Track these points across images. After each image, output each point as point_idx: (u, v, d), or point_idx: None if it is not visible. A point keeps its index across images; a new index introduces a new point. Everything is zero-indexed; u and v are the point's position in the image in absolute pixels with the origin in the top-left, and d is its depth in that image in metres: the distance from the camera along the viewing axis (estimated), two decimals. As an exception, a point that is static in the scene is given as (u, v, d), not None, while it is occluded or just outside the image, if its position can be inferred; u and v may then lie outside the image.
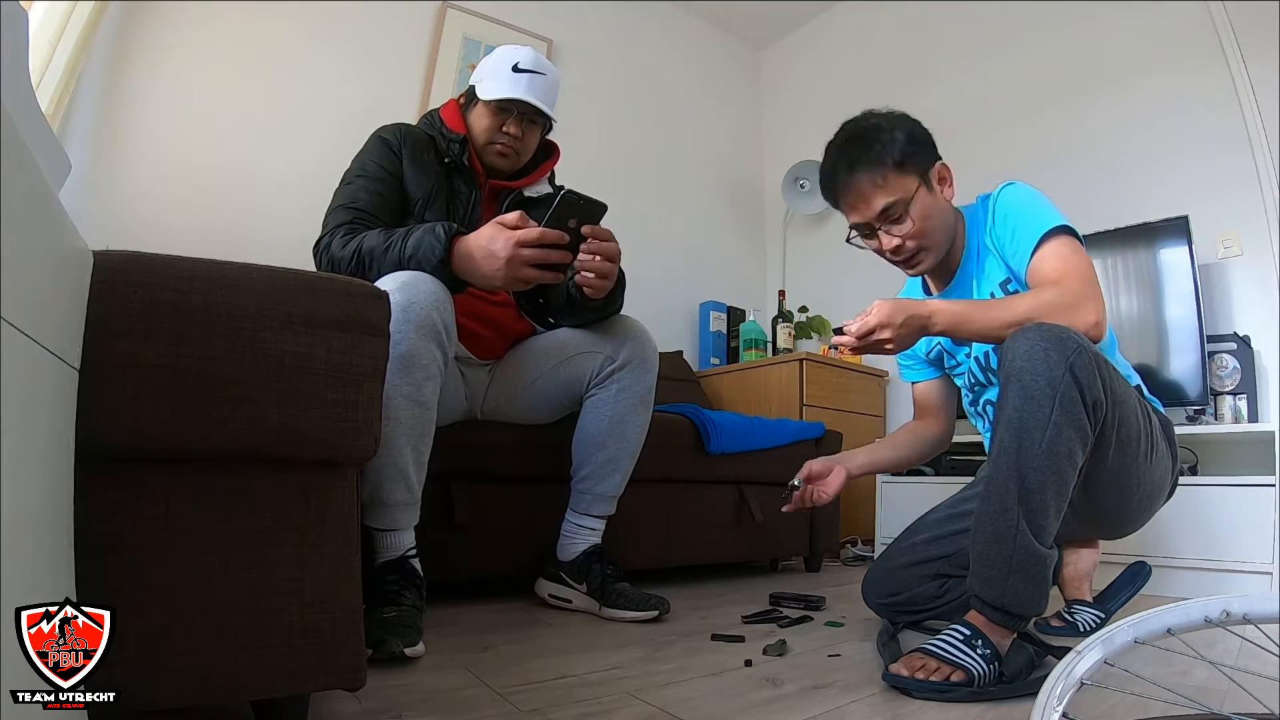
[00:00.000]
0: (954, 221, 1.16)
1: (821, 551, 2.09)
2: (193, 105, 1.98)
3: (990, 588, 0.89)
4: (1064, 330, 0.88)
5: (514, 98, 1.29)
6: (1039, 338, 0.88)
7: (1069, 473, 0.88)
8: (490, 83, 1.31)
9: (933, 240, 1.12)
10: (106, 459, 0.52)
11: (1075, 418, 0.87)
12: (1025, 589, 0.88)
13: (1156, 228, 1.97)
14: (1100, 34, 2.36)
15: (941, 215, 1.12)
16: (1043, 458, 0.86)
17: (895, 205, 1.07)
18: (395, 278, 1.04)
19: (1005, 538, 0.88)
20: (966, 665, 0.87)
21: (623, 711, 0.77)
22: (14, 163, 0.37)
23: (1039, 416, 0.86)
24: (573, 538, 1.34)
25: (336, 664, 0.61)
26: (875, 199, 1.08)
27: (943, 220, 1.13)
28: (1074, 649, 0.63)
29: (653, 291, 2.72)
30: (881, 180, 1.07)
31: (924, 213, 1.09)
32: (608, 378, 1.32)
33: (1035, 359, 0.87)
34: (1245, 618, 0.57)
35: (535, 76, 1.31)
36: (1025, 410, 0.87)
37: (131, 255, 0.55)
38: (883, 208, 1.08)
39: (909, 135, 1.08)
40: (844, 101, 3.29)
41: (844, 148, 1.10)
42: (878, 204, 1.08)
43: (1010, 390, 0.89)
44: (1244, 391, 1.89)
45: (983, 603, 0.90)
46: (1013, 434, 0.88)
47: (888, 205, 1.07)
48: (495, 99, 1.30)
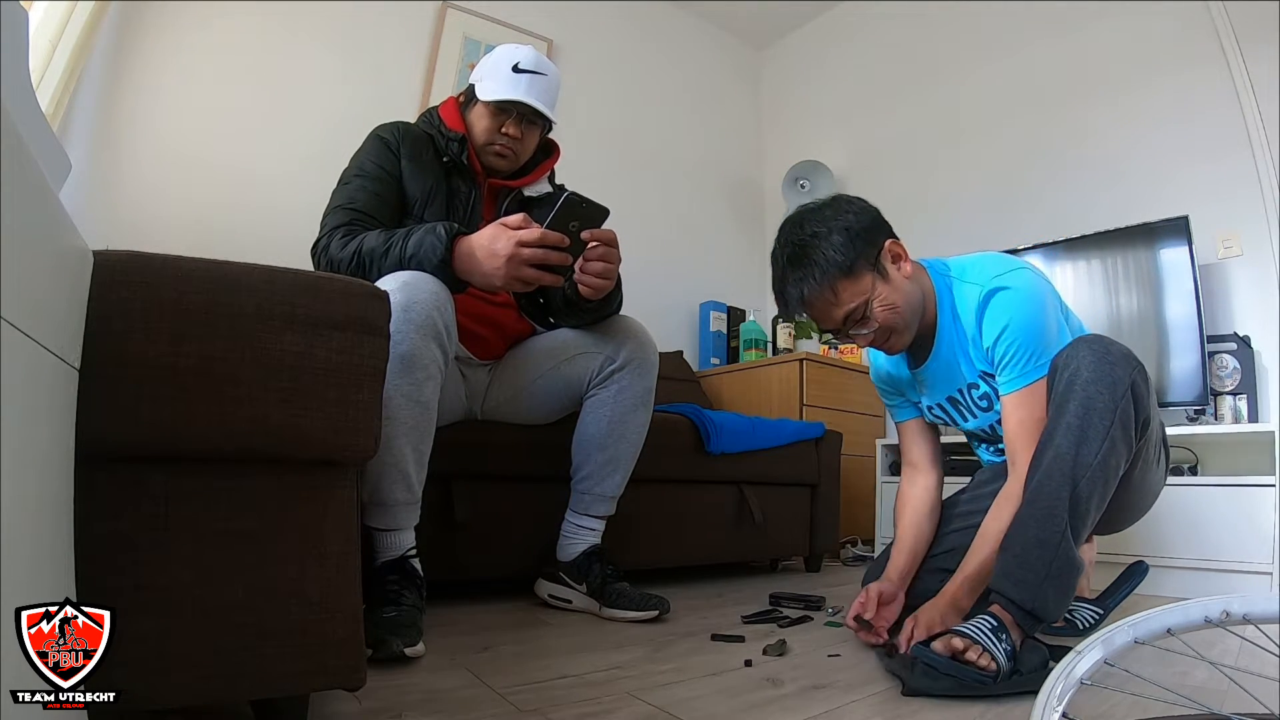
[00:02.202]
0: (919, 295, 1.12)
1: (821, 551, 2.09)
2: (192, 105, 1.98)
3: (1024, 590, 0.90)
4: (1127, 349, 0.94)
5: (513, 99, 1.29)
6: (1104, 351, 0.93)
7: (1113, 486, 0.93)
8: (490, 83, 1.31)
9: (902, 322, 1.09)
10: (106, 459, 0.52)
11: (1128, 434, 0.93)
12: (1056, 597, 0.90)
13: (1157, 228, 1.97)
14: (1100, 34, 2.36)
15: (905, 297, 1.09)
16: (1096, 469, 0.90)
17: (855, 309, 1.05)
18: (396, 278, 1.04)
19: (1049, 543, 0.90)
20: (996, 657, 0.86)
21: (623, 711, 0.77)
22: (14, 163, 0.37)
23: (1099, 428, 0.91)
24: (572, 538, 1.34)
25: (336, 664, 0.61)
26: (834, 312, 1.06)
27: (907, 301, 1.09)
28: (1074, 649, 0.63)
29: (653, 291, 2.72)
30: (834, 295, 1.04)
31: (885, 303, 1.06)
32: (608, 378, 1.32)
33: (1101, 373, 0.92)
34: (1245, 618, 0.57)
35: (535, 77, 1.31)
36: (1087, 421, 0.91)
37: (131, 255, 0.55)
38: (843, 316, 1.06)
39: (847, 234, 1.03)
40: (844, 101, 3.32)
41: (787, 271, 1.06)
42: (838, 315, 1.06)
43: (1073, 399, 0.93)
44: (1244, 391, 1.89)
45: (1011, 603, 0.90)
46: (1071, 442, 0.91)
47: (848, 313, 1.05)
48: (494, 100, 1.30)
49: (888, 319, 1.07)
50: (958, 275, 1.13)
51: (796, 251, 1.05)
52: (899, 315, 1.08)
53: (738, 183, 3.44)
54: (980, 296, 1.07)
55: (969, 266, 1.13)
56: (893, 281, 1.07)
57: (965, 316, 1.10)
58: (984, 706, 0.83)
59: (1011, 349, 1.05)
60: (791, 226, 1.09)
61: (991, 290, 1.06)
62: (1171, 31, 2.18)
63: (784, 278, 1.07)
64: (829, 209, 1.08)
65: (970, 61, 2.75)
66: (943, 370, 1.17)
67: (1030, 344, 1.04)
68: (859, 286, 1.04)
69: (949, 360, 1.15)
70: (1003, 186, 2.57)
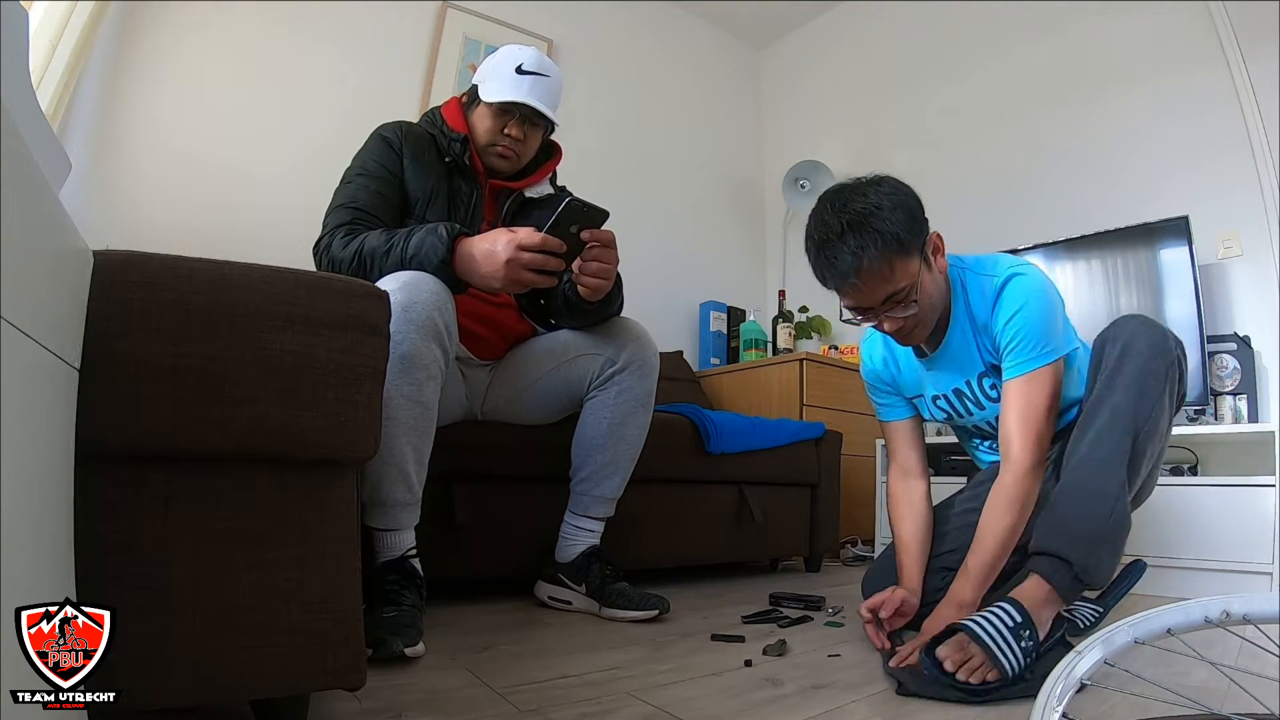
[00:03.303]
0: (945, 289, 1.13)
1: (821, 551, 2.09)
2: (192, 105, 1.98)
3: (1077, 548, 0.90)
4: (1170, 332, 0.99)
5: (516, 100, 1.29)
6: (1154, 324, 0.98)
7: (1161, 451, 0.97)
8: (492, 84, 1.31)
9: (930, 317, 1.10)
10: (106, 459, 0.52)
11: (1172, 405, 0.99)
12: (1109, 559, 0.92)
13: (1157, 228, 1.97)
14: (1100, 34, 2.36)
15: (938, 291, 1.10)
16: (1152, 424, 0.95)
17: (900, 292, 1.02)
18: (396, 278, 1.04)
19: (1108, 495, 0.92)
20: (1005, 664, 0.84)
21: (623, 711, 0.77)
22: (14, 163, 0.37)
23: (1155, 390, 0.96)
24: (571, 539, 1.34)
25: (336, 664, 0.61)
26: (883, 289, 1.02)
27: (939, 295, 1.10)
28: (1074, 649, 0.63)
29: (653, 291, 2.72)
30: (889, 269, 1.00)
31: (925, 292, 1.06)
32: (608, 380, 1.32)
33: (1156, 344, 0.97)
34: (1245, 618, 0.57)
35: (538, 78, 1.31)
36: (1145, 383, 0.95)
37: (131, 255, 0.55)
38: (888, 296, 1.03)
39: (909, 214, 1.01)
40: (844, 102, 3.32)
41: (844, 237, 0.99)
42: (883, 294, 1.02)
43: (1130, 361, 0.96)
44: (1244, 391, 1.89)
45: (1062, 564, 0.90)
46: (1129, 398, 0.94)
47: (893, 293, 1.02)
48: (497, 101, 1.29)
49: (923, 308, 1.06)
50: (971, 268, 1.14)
51: (857, 219, 0.99)
52: (932, 306, 1.08)
53: (738, 183, 3.43)
54: (996, 285, 1.09)
55: (982, 260, 1.14)
56: (933, 273, 1.08)
57: (979, 306, 1.12)
58: (984, 706, 0.82)
59: (1021, 333, 1.06)
60: (846, 194, 1.03)
61: (1007, 278, 1.08)
62: (1171, 31, 2.18)
63: (837, 245, 1.00)
64: (885, 185, 1.04)
65: (970, 61, 2.75)
66: (952, 360, 1.17)
67: (1039, 330, 1.05)
68: (910, 268, 1.02)
69: (959, 350, 1.16)
70: (1003, 186, 2.57)
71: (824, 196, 1.07)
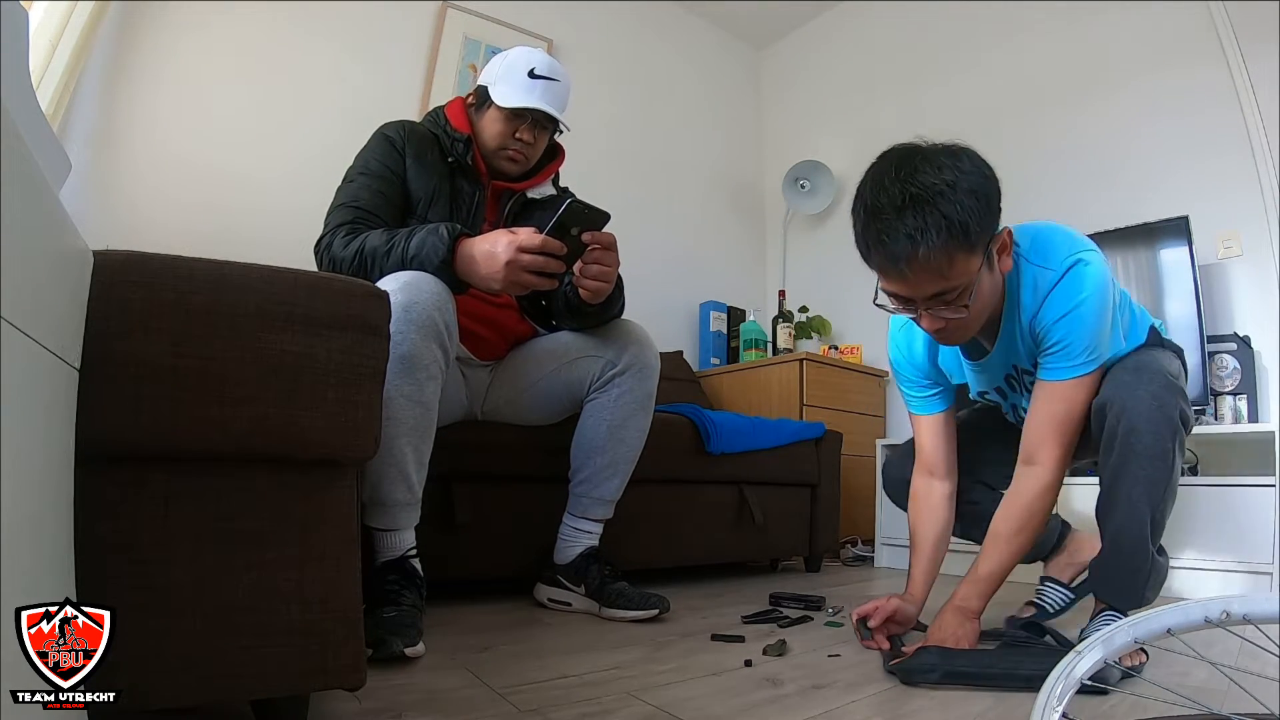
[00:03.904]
0: (1002, 292, 1.00)
1: (821, 551, 2.09)
2: (193, 105, 1.98)
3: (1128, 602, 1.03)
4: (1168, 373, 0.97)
5: (530, 106, 1.28)
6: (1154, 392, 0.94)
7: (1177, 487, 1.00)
8: (505, 87, 1.30)
9: (977, 323, 0.97)
10: (106, 459, 0.52)
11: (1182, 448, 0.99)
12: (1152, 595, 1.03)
13: (1157, 228, 1.97)
14: (1100, 34, 2.36)
15: (994, 294, 0.96)
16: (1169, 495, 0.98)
17: (953, 290, 0.88)
18: (397, 278, 1.04)
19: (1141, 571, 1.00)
20: None
21: (623, 711, 0.77)
22: (14, 163, 0.37)
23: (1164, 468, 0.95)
24: (570, 541, 1.34)
25: (336, 664, 0.61)
26: (932, 284, 0.88)
27: (994, 299, 0.97)
28: (1074, 649, 0.63)
29: (653, 291, 2.71)
30: (948, 263, 0.85)
31: (980, 296, 0.92)
32: (608, 382, 1.32)
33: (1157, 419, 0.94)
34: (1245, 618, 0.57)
35: (550, 83, 1.31)
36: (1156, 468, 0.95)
37: (131, 255, 0.55)
38: (937, 293, 0.89)
39: (985, 202, 0.87)
40: (844, 101, 3.32)
41: (902, 214, 0.84)
42: (933, 289, 0.88)
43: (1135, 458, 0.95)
44: (1244, 391, 1.89)
45: None
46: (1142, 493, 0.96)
47: (944, 290, 0.88)
48: (513, 106, 1.29)
49: (974, 312, 0.93)
50: (1027, 255, 1.00)
51: (921, 195, 0.84)
52: (983, 310, 0.96)
53: (738, 183, 3.43)
54: (1051, 280, 0.96)
55: (1038, 243, 1.00)
56: (994, 274, 0.94)
57: (1028, 299, 0.99)
58: (984, 706, 0.83)
59: (1069, 338, 0.96)
60: (913, 162, 0.88)
61: (1064, 271, 0.96)
62: (1171, 31, 2.18)
63: (892, 221, 0.84)
64: (963, 161, 0.88)
65: (970, 61, 2.75)
66: (1003, 355, 1.08)
67: (1089, 337, 0.96)
68: (971, 265, 0.87)
69: (1009, 344, 1.05)
70: (1003, 186, 2.56)
71: (888, 154, 0.92)
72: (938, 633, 1.00)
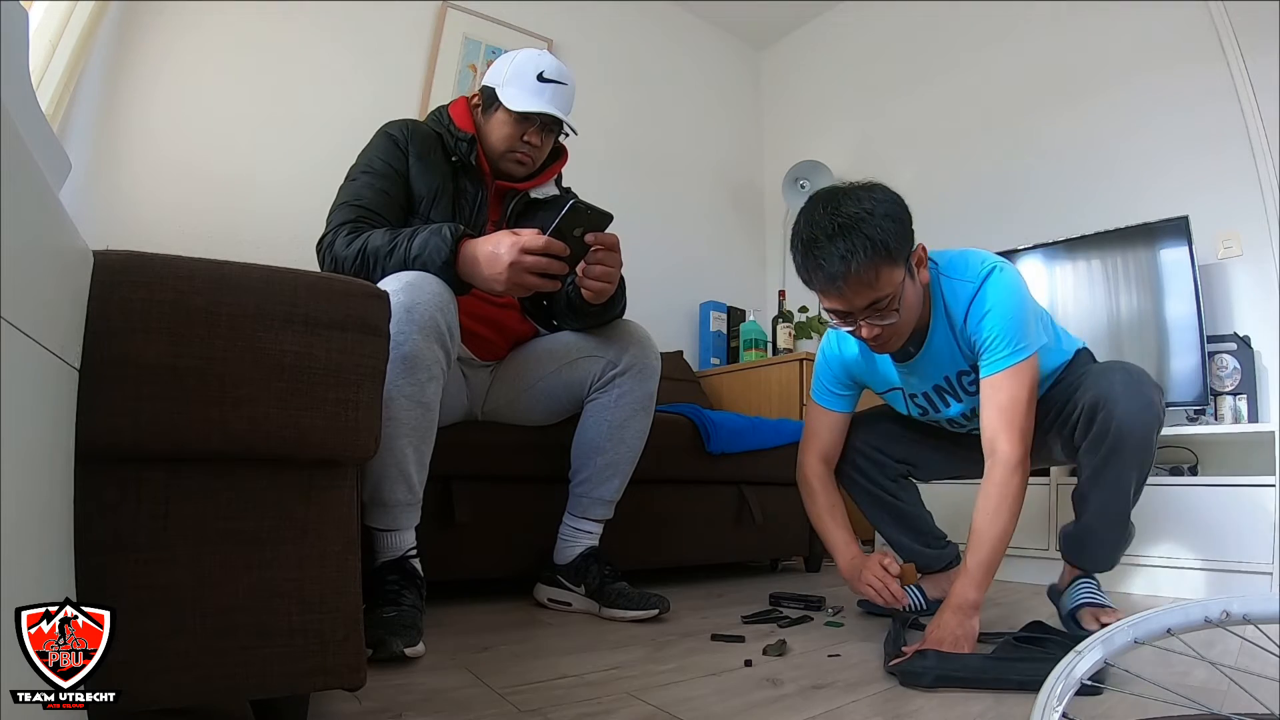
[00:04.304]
0: (925, 301, 1.15)
1: (821, 551, 2.09)
2: (193, 105, 1.98)
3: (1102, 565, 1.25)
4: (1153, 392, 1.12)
5: (541, 111, 1.28)
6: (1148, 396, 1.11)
7: None
8: (514, 90, 1.29)
9: (907, 328, 1.12)
10: (106, 459, 0.52)
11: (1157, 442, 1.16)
12: None
13: (1156, 228, 1.97)
14: (1100, 33, 2.36)
15: (917, 301, 1.12)
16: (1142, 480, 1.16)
17: (883, 300, 1.04)
18: (399, 278, 1.04)
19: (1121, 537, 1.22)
20: None
21: (623, 711, 0.77)
22: (14, 163, 0.37)
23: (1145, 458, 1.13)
24: (570, 541, 1.34)
25: (336, 664, 0.61)
26: (865, 295, 1.03)
27: (918, 305, 1.12)
28: (1074, 649, 0.63)
29: (653, 292, 2.71)
30: (875, 276, 1.01)
31: (907, 303, 1.08)
32: (609, 383, 1.31)
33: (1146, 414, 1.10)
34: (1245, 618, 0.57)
35: (559, 87, 1.31)
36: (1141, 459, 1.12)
37: (131, 255, 0.55)
38: (870, 303, 1.04)
39: (899, 223, 1.03)
40: (844, 102, 3.32)
41: (833, 240, 1.00)
42: (866, 300, 1.04)
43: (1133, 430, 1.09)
44: (1244, 391, 1.89)
45: None
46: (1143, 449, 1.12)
47: (876, 300, 1.04)
48: (523, 110, 1.28)
49: (902, 318, 1.08)
50: (945, 271, 1.16)
51: (847, 223, 1.00)
52: (910, 317, 1.11)
53: (738, 183, 3.43)
54: (970, 290, 1.12)
55: (954, 262, 1.16)
56: (915, 283, 1.10)
57: (956, 309, 1.14)
58: (984, 706, 0.83)
59: (995, 331, 1.09)
60: (836, 199, 1.05)
61: (982, 280, 1.11)
62: (1171, 30, 2.18)
63: (825, 247, 1.01)
64: (876, 192, 1.05)
65: (970, 61, 2.75)
66: (934, 360, 1.20)
67: (1013, 328, 1.09)
68: (894, 276, 1.03)
69: (941, 351, 1.18)
70: (1002, 186, 2.57)
71: (815, 196, 1.08)
72: (937, 632, 1.00)
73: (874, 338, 1.09)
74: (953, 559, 1.46)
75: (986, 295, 1.10)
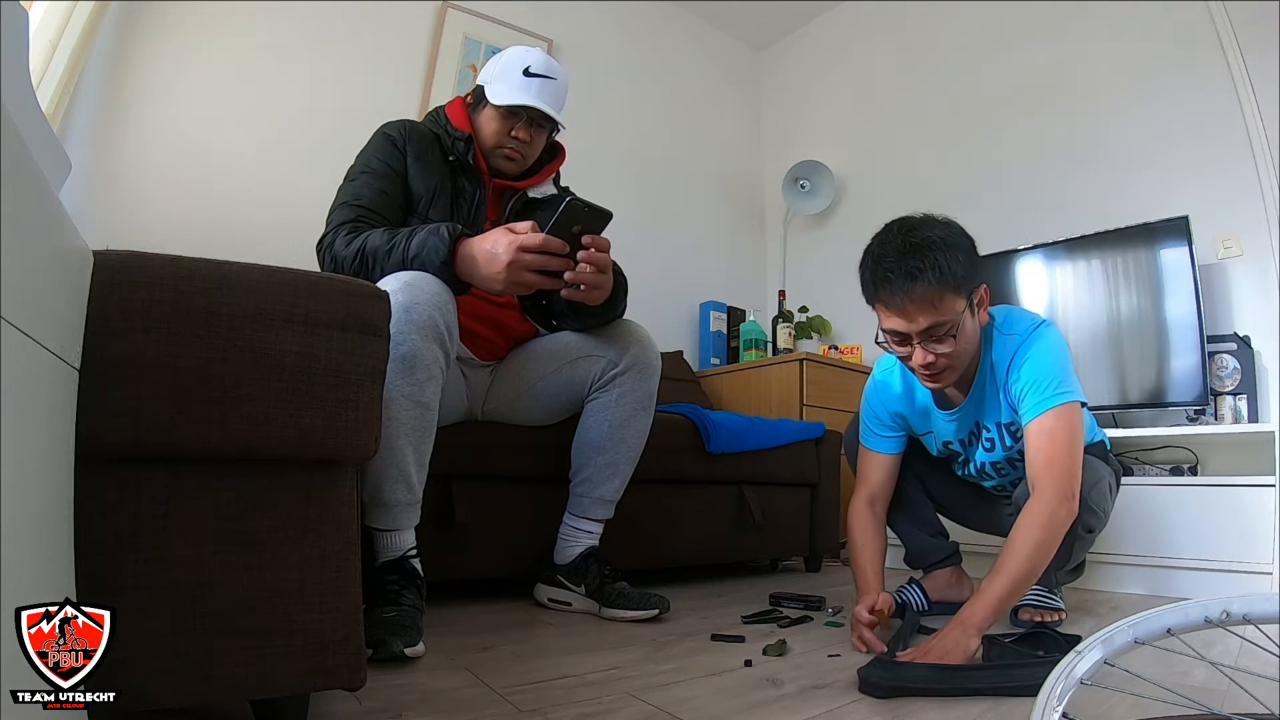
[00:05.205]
0: (979, 344, 1.18)
1: (821, 551, 2.09)
2: (193, 105, 1.98)
3: None
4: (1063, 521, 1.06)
5: (524, 104, 1.28)
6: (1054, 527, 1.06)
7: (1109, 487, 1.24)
8: (500, 86, 1.30)
9: (963, 362, 1.14)
10: (106, 459, 0.52)
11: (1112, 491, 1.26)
12: None
13: (1156, 228, 1.97)
14: (1101, 34, 2.36)
15: (974, 339, 1.14)
16: None
17: (942, 325, 1.06)
18: (398, 278, 1.04)
19: None
20: None
21: (623, 711, 0.77)
22: (14, 163, 0.37)
23: None
24: (570, 541, 1.34)
25: (336, 664, 0.61)
26: (925, 316, 1.05)
27: (974, 344, 1.15)
28: (1074, 649, 0.63)
29: (653, 292, 2.71)
30: (939, 300, 1.04)
31: (964, 336, 1.09)
32: (609, 382, 1.32)
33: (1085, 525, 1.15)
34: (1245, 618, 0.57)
35: (546, 81, 1.31)
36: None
37: (131, 255, 0.55)
38: (929, 325, 1.06)
39: (967, 254, 1.06)
40: (844, 102, 3.32)
41: (904, 256, 1.04)
42: (926, 321, 1.06)
43: None
44: (1244, 391, 1.89)
45: None
46: None
47: (935, 324, 1.06)
48: (506, 104, 1.29)
49: (960, 350, 1.10)
50: (1000, 326, 1.19)
51: (922, 244, 1.04)
52: (966, 351, 1.13)
53: (738, 183, 3.43)
54: (1015, 343, 1.15)
55: (1009, 318, 1.19)
56: (974, 320, 1.12)
57: (1000, 362, 1.17)
58: (984, 706, 0.83)
59: (1033, 376, 1.11)
60: (910, 225, 1.09)
61: (1026, 335, 1.15)
62: (1171, 31, 2.18)
63: (896, 262, 1.05)
64: (952, 226, 1.10)
65: (970, 61, 2.75)
66: (973, 409, 1.24)
67: (1051, 374, 1.10)
68: (956, 305, 1.06)
69: (983, 400, 1.22)
70: (1003, 186, 2.57)
71: (891, 223, 1.12)
72: (935, 644, 0.99)
73: (927, 365, 1.10)
74: (950, 553, 1.46)
75: (1031, 343, 1.13)
